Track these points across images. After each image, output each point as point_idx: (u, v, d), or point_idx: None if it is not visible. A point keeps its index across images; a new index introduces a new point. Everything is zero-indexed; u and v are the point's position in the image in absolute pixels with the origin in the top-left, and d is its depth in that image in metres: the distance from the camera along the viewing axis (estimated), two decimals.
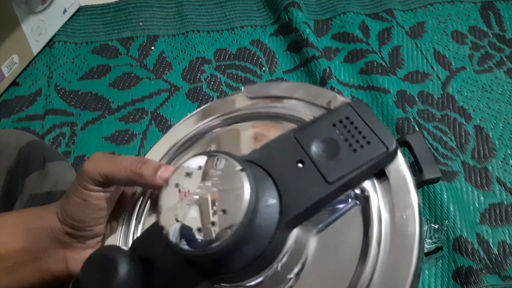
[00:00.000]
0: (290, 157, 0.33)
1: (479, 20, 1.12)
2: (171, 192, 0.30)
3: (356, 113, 0.35)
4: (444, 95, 0.99)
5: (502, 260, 0.78)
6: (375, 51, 1.05)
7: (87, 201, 0.36)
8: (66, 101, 0.96)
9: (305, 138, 0.34)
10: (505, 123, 0.96)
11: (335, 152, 0.33)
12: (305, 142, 0.33)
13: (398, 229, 0.31)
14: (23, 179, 0.51)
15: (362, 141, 0.33)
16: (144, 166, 0.35)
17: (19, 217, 0.39)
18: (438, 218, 0.81)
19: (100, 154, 0.37)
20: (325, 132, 0.34)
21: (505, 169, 0.89)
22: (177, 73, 1.01)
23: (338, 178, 0.32)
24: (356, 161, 0.32)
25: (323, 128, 0.34)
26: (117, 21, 1.10)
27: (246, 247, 0.30)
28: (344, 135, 0.33)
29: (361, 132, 0.33)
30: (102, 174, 0.35)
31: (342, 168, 0.32)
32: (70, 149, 0.89)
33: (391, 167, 0.33)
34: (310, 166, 0.32)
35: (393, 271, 0.30)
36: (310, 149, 0.33)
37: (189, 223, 0.29)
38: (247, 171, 0.29)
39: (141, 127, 0.93)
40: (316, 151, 0.33)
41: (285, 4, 1.09)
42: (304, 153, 0.33)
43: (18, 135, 0.56)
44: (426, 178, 0.44)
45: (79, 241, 0.37)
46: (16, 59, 0.97)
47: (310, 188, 0.31)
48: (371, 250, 0.31)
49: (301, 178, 0.32)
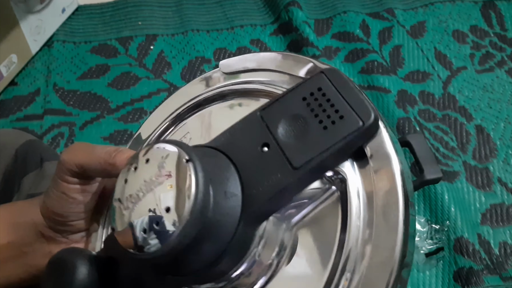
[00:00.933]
0: (254, 141, 0.29)
1: (480, 20, 1.12)
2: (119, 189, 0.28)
3: (330, 83, 0.29)
4: (445, 95, 0.99)
5: (503, 260, 0.77)
6: (375, 50, 1.04)
7: (65, 195, 0.34)
8: (64, 101, 0.96)
9: (272, 117, 0.29)
10: (506, 123, 0.95)
11: (303, 131, 0.28)
12: (271, 122, 0.29)
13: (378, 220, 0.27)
14: (20, 178, 0.51)
15: (334, 116, 0.28)
16: (118, 155, 0.34)
17: (5, 212, 0.38)
18: (439, 219, 0.80)
19: (78, 144, 0.36)
20: (294, 108, 0.29)
21: (506, 169, 0.88)
22: (177, 73, 1.01)
23: (305, 162, 0.27)
24: (327, 140, 0.28)
25: (292, 104, 0.30)
26: (116, 20, 1.09)
27: (203, 245, 0.26)
28: (315, 110, 0.29)
29: (333, 105, 0.29)
30: (78, 165, 0.34)
31: (310, 150, 0.28)
32: None
33: (371, 145, 0.29)
34: (275, 149, 0.28)
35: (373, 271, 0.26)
36: (277, 129, 0.29)
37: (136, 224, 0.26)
38: (195, 162, 0.26)
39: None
40: (283, 131, 0.29)
41: (285, 3, 1.08)
42: (270, 135, 0.29)
43: (15, 134, 0.56)
44: (427, 178, 0.44)
45: (63, 236, 0.37)
46: (15, 58, 0.97)
47: (274, 176, 0.27)
48: (349, 244, 0.27)
49: (265, 165, 0.28)
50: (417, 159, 0.44)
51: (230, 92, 0.37)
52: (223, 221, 0.27)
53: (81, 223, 0.37)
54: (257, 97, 0.35)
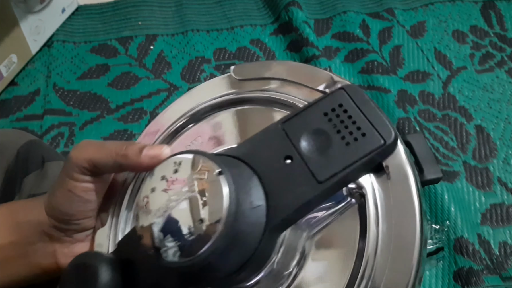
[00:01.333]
0: (277, 152, 0.30)
1: (480, 20, 1.12)
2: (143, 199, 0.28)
3: (351, 99, 0.31)
4: (445, 95, 0.99)
5: (503, 260, 0.77)
6: (375, 50, 1.04)
7: (72, 193, 0.34)
8: (64, 101, 0.96)
9: (294, 130, 0.30)
10: (506, 123, 0.95)
11: (326, 146, 0.29)
12: (294, 135, 0.30)
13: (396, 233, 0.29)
14: (22, 178, 0.51)
15: (356, 133, 0.29)
16: (129, 147, 0.34)
17: (7, 211, 0.38)
18: (439, 219, 0.80)
19: (87, 141, 0.36)
20: (316, 122, 0.30)
21: (506, 169, 0.88)
22: (176, 73, 1.01)
23: (329, 176, 0.28)
24: (349, 156, 0.29)
25: (314, 118, 0.30)
26: (116, 20, 1.09)
27: (230, 255, 0.27)
28: (337, 126, 0.30)
29: (355, 122, 0.30)
30: (89, 161, 0.34)
31: (334, 165, 0.29)
32: (68, 149, 0.89)
33: (390, 161, 0.30)
34: (299, 162, 0.29)
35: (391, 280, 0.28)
36: (300, 142, 0.30)
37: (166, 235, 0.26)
38: (226, 175, 0.26)
39: (140, 127, 0.93)
40: (306, 145, 0.30)
41: (285, 3, 1.08)
42: (293, 148, 0.30)
43: (16, 134, 0.56)
44: (427, 178, 0.44)
45: (67, 235, 0.36)
46: (15, 58, 0.97)
47: (299, 188, 0.28)
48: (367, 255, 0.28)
49: (289, 177, 0.29)
50: (417, 159, 0.44)
51: (242, 99, 0.37)
52: (249, 231, 0.27)
53: (86, 222, 0.37)
54: (271, 105, 0.36)
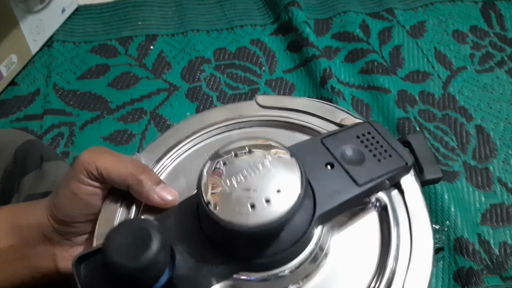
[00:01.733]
0: (319, 159, 0.35)
1: (480, 20, 1.12)
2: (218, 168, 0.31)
3: (376, 130, 0.38)
4: (445, 95, 0.99)
5: (503, 260, 0.77)
6: (375, 50, 1.04)
7: (76, 195, 0.34)
8: (64, 101, 0.96)
9: (332, 145, 0.36)
10: (506, 123, 0.95)
11: (361, 159, 0.36)
12: (332, 148, 0.36)
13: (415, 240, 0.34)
14: (20, 178, 0.51)
15: (384, 154, 0.37)
16: (146, 173, 0.34)
17: (7, 213, 0.38)
18: (439, 219, 0.80)
19: (102, 148, 0.36)
20: (350, 141, 0.37)
21: (506, 169, 0.88)
22: (176, 73, 1.01)
23: (368, 181, 0.35)
24: (382, 169, 0.36)
25: (348, 138, 0.37)
26: (116, 20, 1.09)
27: (284, 234, 0.31)
28: (368, 147, 0.37)
29: (382, 146, 0.37)
30: (99, 168, 0.34)
31: (370, 174, 0.35)
32: (68, 149, 0.89)
33: (405, 182, 0.37)
34: (339, 169, 0.35)
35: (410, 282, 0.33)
36: (338, 154, 0.36)
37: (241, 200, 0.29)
38: (297, 158, 0.31)
39: (140, 127, 0.93)
40: (342, 156, 0.36)
41: (285, 3, 1.08)
42: (332, 157, 0.36)
43: (15, 134, 0.56)
44: (427, 178, 0.44)
45: (67, 238, 0.36)
46: (15, 58, 0.97)
47: (341, 188, 0.34)
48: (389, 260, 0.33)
49: (332, 179, 0.35)
50: (417, 159, 0.44)
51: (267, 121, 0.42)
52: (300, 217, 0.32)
53: (86, 226, 0.37)
54: (293, 130, 0.41)
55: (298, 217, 0.32)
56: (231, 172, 0.30)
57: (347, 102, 0.94)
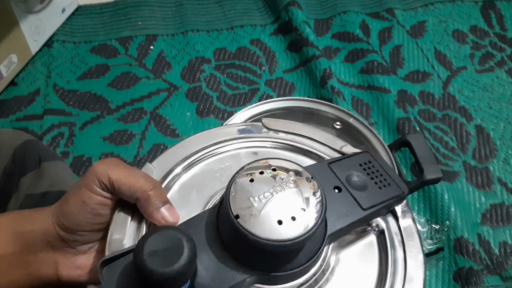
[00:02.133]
0: (328, 183, 0.38)
1: (480, 20, 1.12)
2: (245, 184, 0.32)
3: (375, 160, 0.41)
4: (445, 95, 0.99)
5: (503, 260, 0.77)
6: (375, 50, 1.04)
7: (86, 203, 0.35)
8: (64, 101, 0.96)
9: (339, 170, 0.39)
10: (506, 123, 0.95)
11: (364, 186, 0.38)
12: (338, 173, 0.39)
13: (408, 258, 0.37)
14: (19, 179, 0.51)
15: (384, 182, 0.39)
16: (155, 190, 0.35)
17: (10, 220, 0.38)
18: (439, 219, 0.80)
19: (116, 160, 0.36)
20: (354, 167, 0.39)
21: (506, 169, 0.88)
22: (176, 73, 1.01)
23: (372, 206, 0.37)
24: (383, 196, 0.38)
25: (353, 165, 0.40)
26: (116, 20, 1.09)
27: (302, 251, 0.33)
28: (370, 175, 0.39)
29: (382, 175, 0.40)
30: (112, 179, 0.34)
31: (374, 199, 0.38)
32: (68, 149, 0.89)
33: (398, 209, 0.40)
34: (346, 193, 0.37)
35: None
36: (344, 179, 0.38)
37: (268, 216, 0.31)
38: (317, 180, 0.33)
39: (140, 127, 0.93)
40: (348, 182, 0.38)
41: (285, 3, 1.08)
42: (339, 182, 0.38)
43: (13, 134, 0.55)
44: (427, 178, 0.44)
45: (71, 246, 0.36)
46: (15, 58, 0.97)
47: (349, 211, 0.37)
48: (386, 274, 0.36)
49: (339, 202, 0.37)
50: (417, 159, 0.44)
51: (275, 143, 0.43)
52: (318, 235, 0.34)
53: (91, 235, 0.36)
54: (299, 153, 0.43)
55: (317, 235, 0.33)
56: (258, 189, 0.32)
57: (347, 102, 0.94)
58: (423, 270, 0.37)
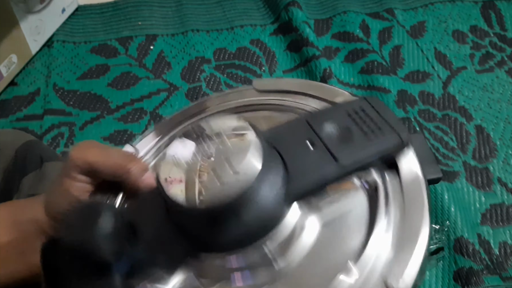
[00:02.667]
0: (300, 138, 0.33)
1: (480, 20, 1.12)
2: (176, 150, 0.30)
3: (372, 107, 0.36)
4: (445, 95, 0.99)
5: (503, 260, 0.77)
6: (375, 50, 1.04)
7: (68, 192, 0.34)
8: (64, 101, 0.96)
9: (317, 123, 0.34)
10: (506, 123, 0.95)
11: (348, 137, 0.34)
12: (317, 126, 0.34)
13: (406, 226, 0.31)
14: (20, 179, 0.51)
15: (376, 131, 0.34)
16: (133, 163, 0.34)
17: (7, 210, 0.38)
18: (439, 219, 0.80)
19: (90, 142, 0.36)
20: (339, 119, 0.35)
21: (506, 169, 0.88)
22: (176, 73, 1.01)
23: (352, 161, 0.32)
24: (371, 148, 0.33)
25: (337, 115, 0.35)
26: (116, 20, 1.09)
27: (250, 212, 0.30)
28: (359, 124, 0.34)
29: (376, 123, 0.34)
30: (90, 163, 0.34)
31: (357, 153, 0.33)
32: (68, 149, 0.89)
33: (402, 161, 0.34)
34: (321, 147, 0.33)
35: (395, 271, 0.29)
36: (322, 132, 0.34)
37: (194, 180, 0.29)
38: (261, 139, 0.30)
39: (140, 127, 0.93)
40: (328, 135, 0.34)
41: (285, 3, 1.08)
42: (315, 135, 0.34)
43: (15, 135, 0.56)
44: (427, 178, 0.44)
45: None
46: (15, 58, 0.97)
47: (319, 167, 0.32)
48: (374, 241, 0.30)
49: (310, 157, 0.33)
50: (417, 159, 0.44)
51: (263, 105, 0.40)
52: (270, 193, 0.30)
53: None
54: (290, 112, 0.39)
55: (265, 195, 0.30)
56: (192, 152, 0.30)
57: None
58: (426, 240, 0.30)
